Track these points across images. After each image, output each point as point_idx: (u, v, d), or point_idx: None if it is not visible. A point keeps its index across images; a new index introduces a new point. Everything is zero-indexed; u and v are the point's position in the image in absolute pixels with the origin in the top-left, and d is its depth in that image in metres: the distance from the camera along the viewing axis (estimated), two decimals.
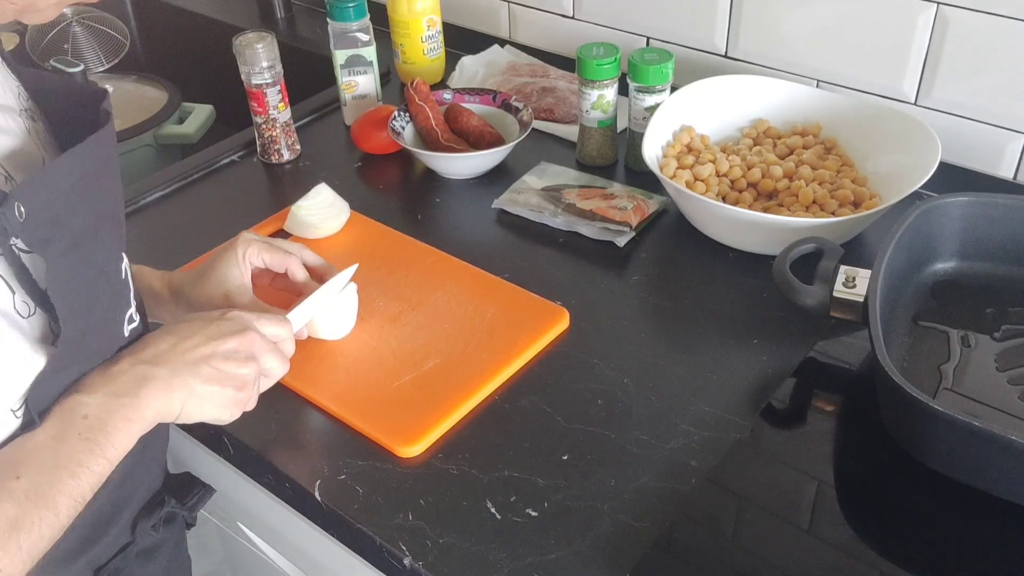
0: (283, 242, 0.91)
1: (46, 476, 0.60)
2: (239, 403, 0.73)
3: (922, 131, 1.01)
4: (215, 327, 0.73)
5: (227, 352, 0.72)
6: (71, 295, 0.62)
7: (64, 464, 0.61)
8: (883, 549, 0.69)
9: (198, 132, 1.50)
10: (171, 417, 0.70)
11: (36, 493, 0.60)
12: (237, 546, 1.05)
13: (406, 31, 1.32)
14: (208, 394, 0.71)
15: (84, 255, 0.63)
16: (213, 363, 0.71)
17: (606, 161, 1.17)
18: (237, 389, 0.72)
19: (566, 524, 0.73)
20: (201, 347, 0.71)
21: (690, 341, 0.90)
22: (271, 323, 0.77)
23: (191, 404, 0.70)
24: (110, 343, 0.68)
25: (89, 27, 1.63)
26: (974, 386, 0.80)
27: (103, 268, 0.66)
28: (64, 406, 0.64)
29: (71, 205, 0.61)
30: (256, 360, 0.74)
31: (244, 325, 0.75)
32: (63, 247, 0.60)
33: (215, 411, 0.72)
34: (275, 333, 0.78)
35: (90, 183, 0.63)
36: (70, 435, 0.63)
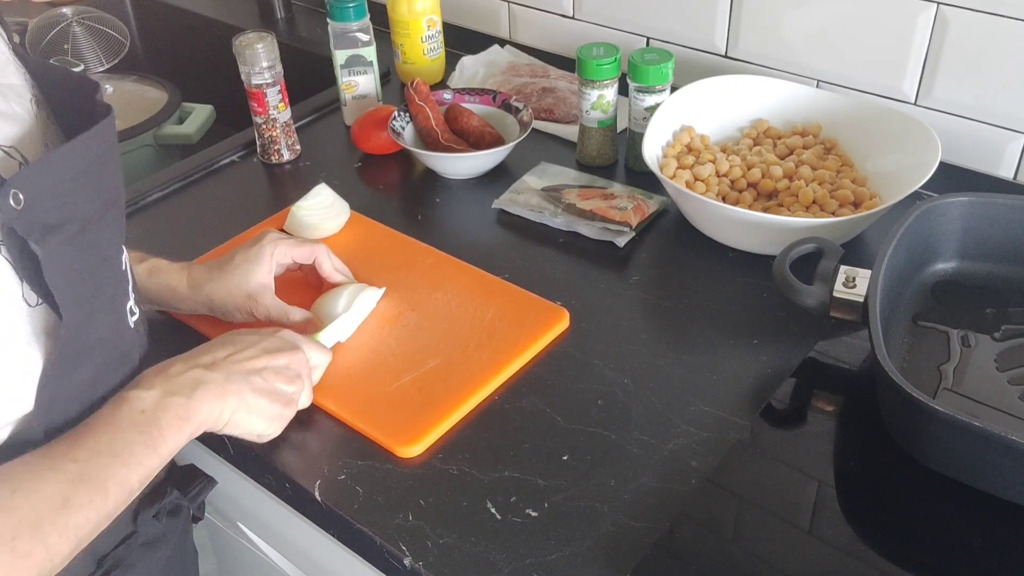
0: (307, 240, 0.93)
1: (100, 461, 0.63)
2: (282, 419, 0.76)
3: (922, 131, 1.01)
4: (269, 342, 0.76)
5: (279, 367, 0.75)
6: (75, 281, 0.62)
7: (118, 452, 0.64)
8: (883, 549, 0.69)
9: (198, 132, 1.50)
10: (219, 424, 0.72)
11: (89, 476, 0.62)
12: (237, 546, 1.05)
13: (406, 31, 1.32)
14: (257, 406, 0.73)
15: (90, 241, 0.63)
16: (265, 376, 0.74)
17: (606, 161, 1.17)
18: (284, 405, 0.75)
19: (566, 524, 0.73)
20: (256, 359, 0.74)
21: (690, 341, 0.90)
22: (315, 350, 0.82)
23: (240, 413, 0.72)
24: (116, 333, 0.68)
25: (89, 27, 1.63)
26: (974, 386, 0.80)
27: (106, 255, 0.66)
28: (122, 397, 0.67)
29: (78, 192, 0.61)
30: (302, 379, 0.77)
31: (295, 344, 0.78)
32: (71, 233, 0.61)
33: (261, 424, 0.74)
34: (316, 360, 0.82)
35: (95, 171, 0.63)
36: (126, 425, 0.65)
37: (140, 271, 0.87)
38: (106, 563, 0.73)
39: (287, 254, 0.90)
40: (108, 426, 0.65)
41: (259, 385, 0.73)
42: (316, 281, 0.94)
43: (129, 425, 0.65)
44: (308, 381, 0.79)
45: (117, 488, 0.63)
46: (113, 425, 0.65)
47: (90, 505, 0.61)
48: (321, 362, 0.83)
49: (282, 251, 0.89)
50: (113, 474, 0.63)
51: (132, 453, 0.64)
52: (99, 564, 0.73)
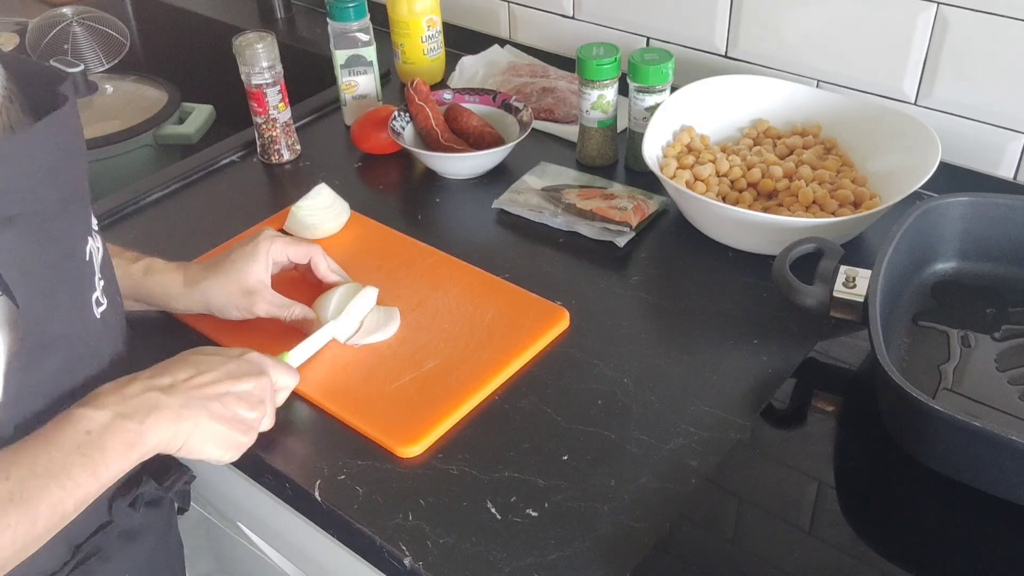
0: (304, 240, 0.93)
1: (35, 483, 0.61)
2: (239, 447, 0.74)
3: (922, 131, 1.01)
4: (234, 366, 0.74)
5: (241, 393, 0.73)
6: (33, 274, 0.61)
7: (55, 474, 0.61)
8: (883, 549, 0.69)
9: (198, 132, 1.50)
10: (173, 448, 0.70)
11: (20, 497, 0.60)
12: (237, 546, 1.05)
13: (406, 31, 1.32)
14: (213, 432, 0.71)
15: (50, 235, 0.63)
16: (225, 402, 0.72)
17: (606, 161, 1.17)
18: (242, 432, 0.74)
19: (566, 524, 0.73)
20: (217, 384, 0.72)
21: (690, 341, 0.90)
22: (283, 372, 0.79)
23: (195, 438, 0.70)
24: (81, 327, 0.68)
25: (89, 27, 1.63)
26: (974, 386, 0.80)
27: (68, 248, 0.65)
28: (69, 415, 0.64)
29: (37, 184, 0.61)
30: (264, 405, 0.76)
31: (261, 369, 0.76)
32: (30, 225, 0.60)
33: (216, 451, 0.73)
34: (283, 383, 0.80)
35: (56, 164, 0.62)
36: (68, 446, 0.63)
37: (135, 271, 0.87)
38: (81, 551, 0.72)
39: (283, 252, 0.90)
40: (49, 446, 0.62)
41: (217, 411, 0.71)
42: (314, 280, 0.94)
43: (71, 446, 0.63)
44: (271, 406, 0.77)
45: (49, 511, 0.61)
46: (54, 445, 0.62)
47: (16, 527, 0.59)
48: (287, 384, 0.81)
49: (278, 249, 0.89)
50: (47, 496, 0.61)
51: (70, 475, 0.62)
52: (74, 552, 0.72)
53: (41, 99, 0.65)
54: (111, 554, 0.75)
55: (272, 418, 0.78)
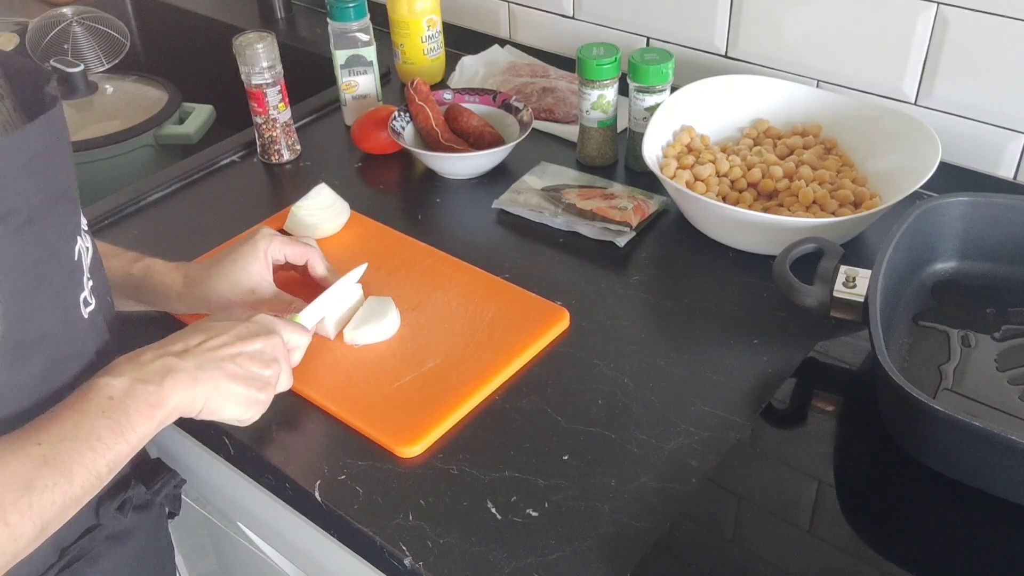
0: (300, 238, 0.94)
1: (65, 445, 0.63)
2: (259, 404, 0.76)
3: (922, 131, 1.01)
4: (243, 328, 0.76)
5: (253, 352, 0.75)
6: (16, 273, 0.62)
7: (84, 437, 0.63)
8: (883, 549, 0.69)
9: (198, 132, 1.50)
10: (194, 411, 0.72)
11: (54, 459, 0.62)
12: (237, 546, 1.05)
13: (406, 31, 1.32)
14: (231, 392, 0.73)
15: (36, 234, 0.63)
16: (239, 362, 0.74)
17: (606, 161, 1.17)
18: (259, 389, 0.75)
19: (566, 524, 0.73)
20: (228, 346, 0.74)
21: (690, 341, 0.90)
22: (293, 331, 0.81)
23: (214, 399, 0.72)
24: (65, 327, 0.68)
25: (89, 27, 1.63)
26: (974, 386, 0.80)
27: (54, 248, 0.66)
28: (91, 384, 0.67)
29: (23, 184, 0.61)
30: (278, 363, 0.77)
31: (270, 328, 0.78)
32: (15, 225, 0.61)
33: (236, 409, 0.74)
34: (295, 341, 0.82)
35: (42, 164, 0.63)
36: (93, 411, 0.65)
37: (135, 271, 0.88)
38: (68, 554, 0.73)
39: (281, 251, 0.90)
40: (74, 412, 0.64)
41: (232, 371, 0.73)
42: (313, 280, 0.95)
43: (96, 411, 0.65)
44: (286, 364, 0.79)
45: (83, 472, 0.63)
46: (79, 411, 0.65)
47: (54, 487, 0.61)
48: (300, 343, 0.82)
49: (276, 247, 0.90)
50: (78, 458, 0.63)
51: (99, 438, 0.64)
52: (61, 555, 0.72)
53: (29, 98, 0.66)
54: (98, 557, 0.75)
55: (289, 376, 0.80)
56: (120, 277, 0.86)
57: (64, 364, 0.69)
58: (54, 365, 0.67)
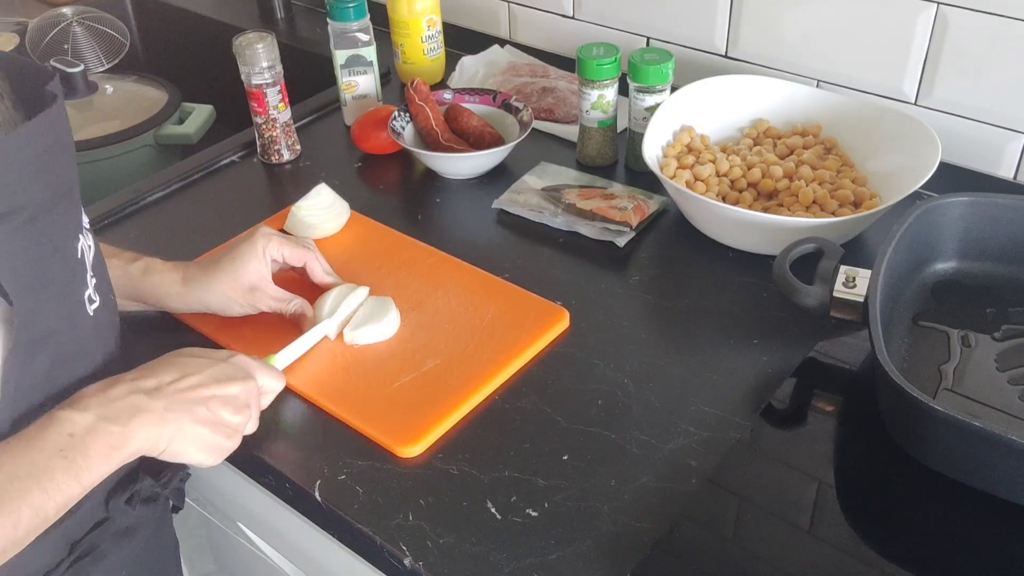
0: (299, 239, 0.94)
1: (16, 485, 0.61)
2: (223, 450, 0.74)
3: (922, 131, 1.01)
4: (220, 369, 0.74)
5: (227, 397, 0.73)
6: (23, 270, 0.62)
7: (36, 476, 0.62)
8: (883, 549, 0.69)
9: (198, 132, 1.50)
10: (155, 452, 0.70)
11: (2, 500, 0.60)
12: (237, 546, 1.05)
13: (406, 31, 1.32)
14: (197, 435, 0.71)
15: (41, 231, 0.63)
16: (210, 405, 0.72)
17: (606, 161, 1.17)
18: (226, 437, 0.74)
19: (566, 524, 0.73)
20: (203, 387, 0.72)
21: (690, 341, 0.90)
22: (268, 376, 0.79)
23: (178, 442, 0.70)
24: (70, 324, 0.68)
25: (89, 27, 1.63)
26: (974, 386, 0.80)
27: (58, 245, 0.65)
28: (52, 417, 0.64)
29: (27, 181, 0.61)
30: (250, 409, 0.76)
31: (247, 372, 0.76)
32: (20, 222, 0.61)
33: (199, 455, 0.72)
34: (269, 386, 0.80)
35: (46, 161, 0.63)
36: (50, 448, 0.63)
37: (134, 270, 0.88)
38: (78, 549, 0.72)
39: (279, 251, 0.91)
40: (31, 448, 0.62)
41: (202, 415, 0.71)
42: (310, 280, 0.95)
43: (54, 449, 0.63)
44: (256, 409, 0.77)
45: (30, 514, 0.61)
46: (36, 447, 0.62)
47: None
48: (273, 387, 0.81)
49: (274, 247, 0.90)
50: (29, 499, 0.61)
51: (52, 479, 0.62)
52: (71, 550, 0.72)
53: (29, 96, 0.66)
54: (107, 551, 0.75)
55: (256, 421, 0.78)
56: (118, 277, 0.86)
57: (71, 361, 0.69)
58: (61, 362, 0.67)
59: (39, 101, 0.64)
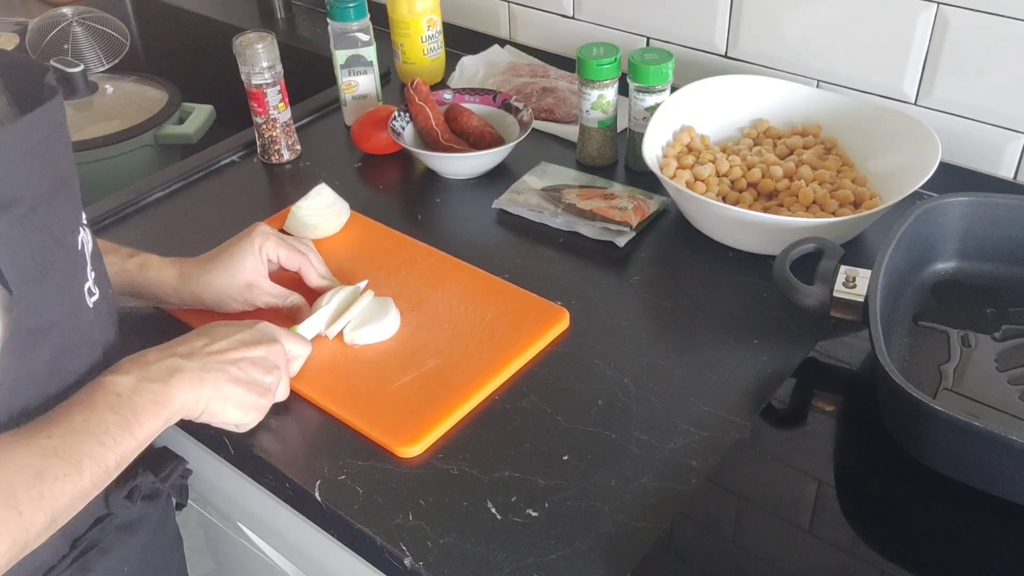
0: (297, 240, 0.94)
1: (75, 438, 0.64)
2: (259, 409, 0.77)
3: (922, 131, 1.01)
4: (247, 333, 0.78)
5: (256, 358, 0.77)
6: (23, 261, 0.62)
7: (93, 431, 0.65)
8: (883, 549, 0.69)
9: (198, 132, 1.50)
10: (196, 412, 0.73)
11: (64, 451, 0.63)
12: (237, 546, 1.05)
13: (406, 31, 1.32)
14: (233, 395, 0.74)
15: (40, 222, 0.64)
16: (242, 366, 0.75)
17: (606, 161, 1.17)
18: (259, 395, 0.77)
19: (566, 524, 0.73)
20: (232, 350, 0.75)
21: (690, 341, 0.90)
22: (294, 341, 0.83)
23: (216, 401, 0.74)
24: (72, 315, 0.69)
25: (89, 27, 1.63)
26: (974, 386, 0.80)
27: (58, 236, 0.66)
28: (98, 382, 0.68)
29: (26, 171, 0.62)
30: (279, 370, 0.79)
31: (273, 336, 0.80)
32: (19, 213, 0.61)
33: (236, 413, 0.76)
34: (295, 351, 0.83)
35: (43, 152, 0.63)
36: (102, 407, 0.66)
37: (131, 266, 0.88)
38: (80, 544, 0.73)
39: (275, 251, 0.91)
40: (83, 407, 0.66)
41: (235, 375, 0.74)
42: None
43: (105, 406, 0.66)
44: (285, 372, 0.80)
45: (92, 464, 0.64)
46: (88, 406, 0.66)
47: (65, 478, 0.62)
48: (301, 353, 0.84)
49: (271, 246, 0.90)
50: (88, 451, 0.64)
51: (107, 432, 0.65)
52: (73, 546, 0.73)
53: (25, 93, 0.66)
54: (109, 547, 0.76)
55: (287, 386, 0.81)
56: (115, 272, 0.86)
57: (72, 352, 0.69)
58: (62, 353, 0.68)
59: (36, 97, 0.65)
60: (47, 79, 0.66)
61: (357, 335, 0.88)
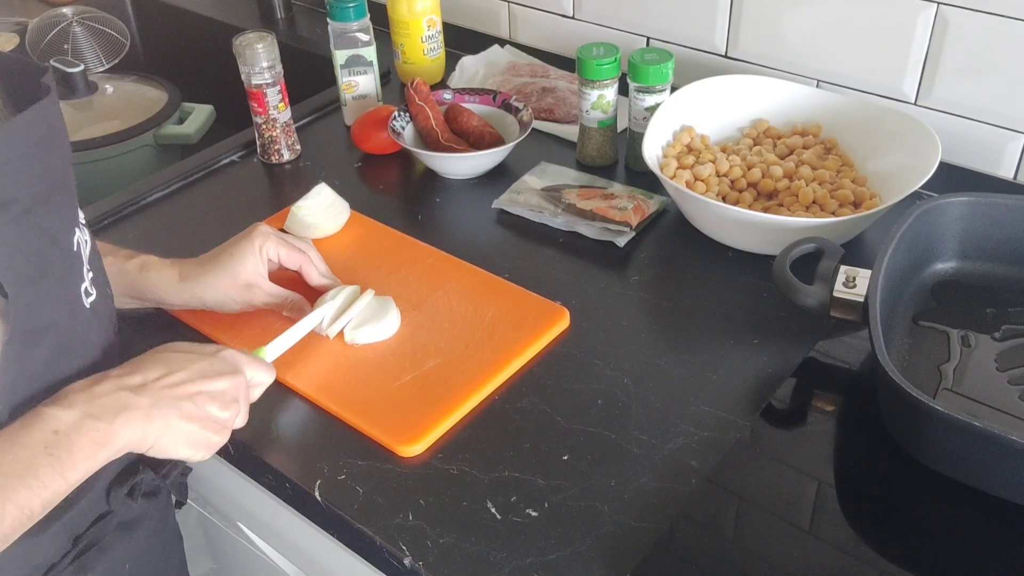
0: (297, 240, 0.94)
1: (0, 482, 0.60)
2: (212, 446, 0.73)
3: (922, 131, 1.01)
4: (207, 364, 0.73)
5: (214, 392, 0.72)
6: (20, 261, 0.62)
7: (21, 473, 0.61)
8: (883, 549, 0.69)
9: (198, 132, 1.50)
10: (143, 448, 0.69)
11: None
12: (237, 546, 1.05)
13: (406, 31, 1.32)
14: (184, 431, 0.70)
15: (36, 223, 0.63)
16: (197, 401, 0.71)
17: (606, 161, 1.17)
18: (214, 432, 0.72)
19: (566, 524, 0.73)
20: (190, 383, 0.71)
21: (690, 341, 0.90)
22: (257, 368, 0.78)
23: (165, 438, 0.69)
24: (70, 315, 0.68)
25: (89, 27, 1.63)
26: (974, 386, 0.80)
27: (55, 237, 0.66)
28: (37, 413, 0.64)
29: (22, 172, 0.61)
30: (238, 404, 0.74)
31: (235, 367, 0.75)
32: (15, 213, 0.61)
33: (187, 450, 0.71)
34: (258, 379, 0.78)
35: (39, 152, 0.63)
36: (35, 445, 0.62)
37: (130, 267, 0.88)
38: (82, 542, 0.72)
39: (276, 251, 0.91)
40: (15, 445, 0.62)
41: (189, 411, 0.70)
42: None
43: (39, 445, 0.62)
44: (245, 402, 0.76)
45: (15, 511, 0.61)
46: (20, 444, 0.62)
47: None
48: (263, 380, 0.79)
49: (271, 246, 0.90)
50: (12, 496, 0.60)
51: (36, 475, 0.61)
52: (75, 543, 0.72)
53: (20, 92, 0.66)
54: (110, 544, 0.75)
55: (246, 415, 0.77)
56: (115, 274, 0.86)
57: (70, 353, 0.69)
58: (60, 353, 0.68)
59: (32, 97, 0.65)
60: (44, 79, 0.65)
61: (357, 335, 0.88)
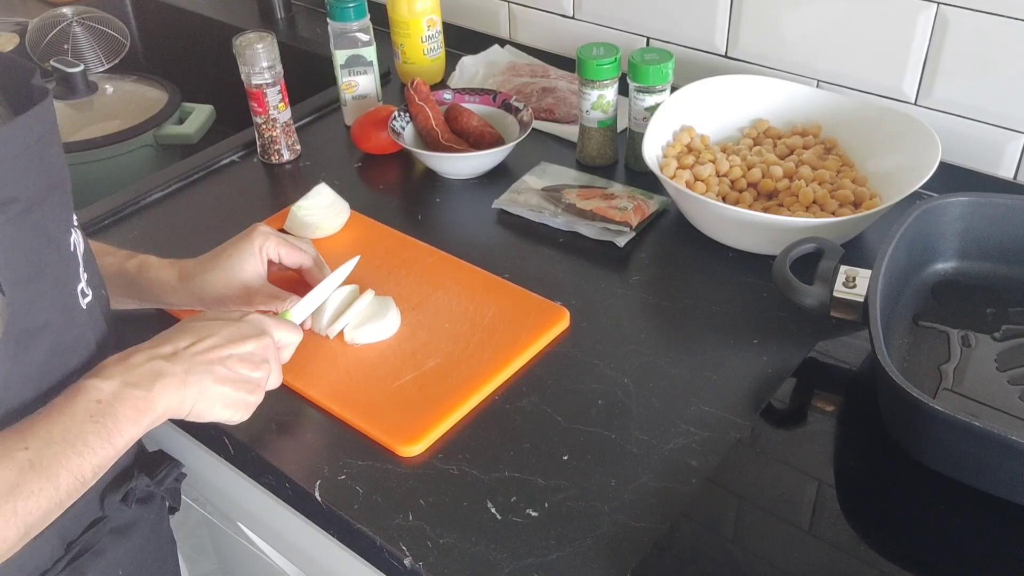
0: (297, 240, 0.94)
1: (52, 449, 0.63)
2: (248, 405, 0.76)
3: (922, 131, 1.01)
4: (234, 329, 0.76)
5: (244, 355, 0.75)
6: (17, 261, 0.62)
7: (71, 441, 0.64)
8: (883, 549, 0.69)
9: (198, 132, 1.50)
10: (182, 413, 0.72)
11: (40, 464, 0.62)
12: (237, 546, 1.05)
13: (406, 31, 1.32)
14: (220, 394, 0.73)
15: (33, 223, 0.63)
16: (229, 364, 0.73)
17: (606, 161, 1.17)
18: (248, 392, 0.75)
19: (566, 524, 0.73)
20: (219, 348, 0.73)
21: (690, 341, 0.90)
22: (284, 329, 0.81)
23: (202, 403, 0.72)
24: (66, 315, 0.69)
25: (89, 27, 1.63)
26: (974, 386, 0.80)
27: (52, 237, 0.66)
28: (79, 386, 0.67)
29: (19, 172, 0.62)
30: (268, 364, 0.77)
31: (262, 329, 0.78)
32: (13, 213, 0.61)
33: (225, 411, 0.74)
34: (286, 339, 0.81)
35: (36, 153, 0.63)
36: (81, 415, 0.65)
37: (129, 268, 0.88)
38: (75, 547, 0.73)
39: (276, 250, 0.91)
40: (62, 415, 0.65)
41: (222, 374, 0.72)
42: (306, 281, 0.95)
43: (84, 415, 0.65)
44: (276, 363, 0.79)
45: (69, 476, 0.63)
46: (67, 414, 0.65)
47: (40, 493, 0.62)
48: (291, 340, 0.82)
49: (271, 246, 0.90)
50: (65, 463, 0.63)
51: (86, 443, 0.64)
52: (68, 548, 0.73)
53: (15, 93, 0.66)
54: (103, 550, 0.76)
55: (279, 375, 0.79)
56: (115, 274, 0.86)
57: (66, 353, 0.69)
58: (56, 354, 0.68)
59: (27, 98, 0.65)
60: (34, 80, 0.66)
61: (357, 334, 0.89)
